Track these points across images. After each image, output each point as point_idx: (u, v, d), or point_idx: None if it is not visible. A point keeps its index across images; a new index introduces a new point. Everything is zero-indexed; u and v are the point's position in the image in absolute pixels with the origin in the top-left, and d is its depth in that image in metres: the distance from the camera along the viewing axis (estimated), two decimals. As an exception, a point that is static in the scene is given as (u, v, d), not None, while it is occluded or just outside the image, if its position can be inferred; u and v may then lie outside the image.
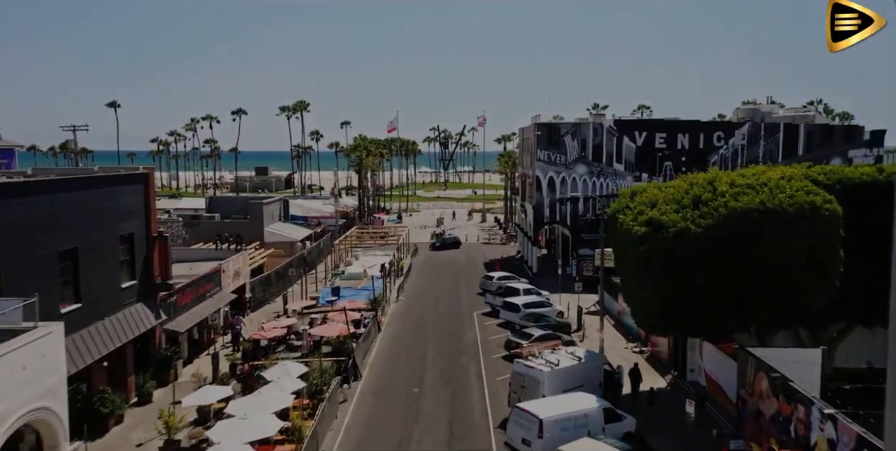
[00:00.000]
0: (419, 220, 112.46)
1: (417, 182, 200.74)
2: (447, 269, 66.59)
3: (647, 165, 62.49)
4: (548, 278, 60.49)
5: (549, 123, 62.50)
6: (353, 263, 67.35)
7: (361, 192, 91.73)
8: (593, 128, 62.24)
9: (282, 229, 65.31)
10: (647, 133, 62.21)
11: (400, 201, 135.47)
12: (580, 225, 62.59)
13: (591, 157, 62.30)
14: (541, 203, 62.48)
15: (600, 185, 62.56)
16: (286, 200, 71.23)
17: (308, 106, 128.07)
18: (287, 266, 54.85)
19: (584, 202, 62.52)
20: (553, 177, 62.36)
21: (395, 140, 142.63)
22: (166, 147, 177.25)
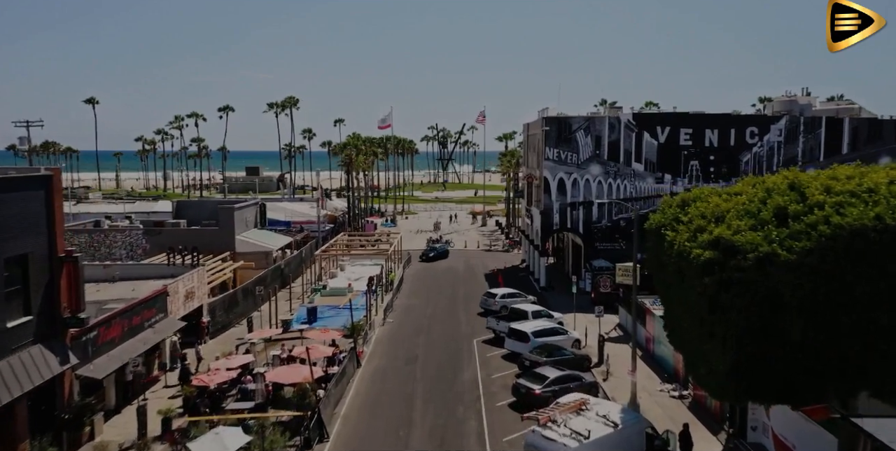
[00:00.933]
0: (415, 223, 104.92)
1: (415, 183, 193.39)
2: (444, 282, 59.03)
3: (670, 164, 54.95)
4: (558, 294, 53.05)
5: (559, 118, 55.00)
6: (337, 275, 59.93)
7: (351, 194, 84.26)
8: (609, 123, 54.72)
9: (256, 238, 57.76)
10: (670, 128, 54.68)
11: (396, 203, 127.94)
12: (594, 233, 55.05)
13: (607, 155, 54.76)
14: (549, 208, 54.96)
15: (617, 187, 55.03)
16: (263, 204, 63.67)
17: (298, 102, 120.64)
18: (256, 282, 47.19)
19: (599, 207, 54.99)
20: (563, 178, 54.83)
21: (390, 138, 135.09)
22: (153, 146, 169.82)
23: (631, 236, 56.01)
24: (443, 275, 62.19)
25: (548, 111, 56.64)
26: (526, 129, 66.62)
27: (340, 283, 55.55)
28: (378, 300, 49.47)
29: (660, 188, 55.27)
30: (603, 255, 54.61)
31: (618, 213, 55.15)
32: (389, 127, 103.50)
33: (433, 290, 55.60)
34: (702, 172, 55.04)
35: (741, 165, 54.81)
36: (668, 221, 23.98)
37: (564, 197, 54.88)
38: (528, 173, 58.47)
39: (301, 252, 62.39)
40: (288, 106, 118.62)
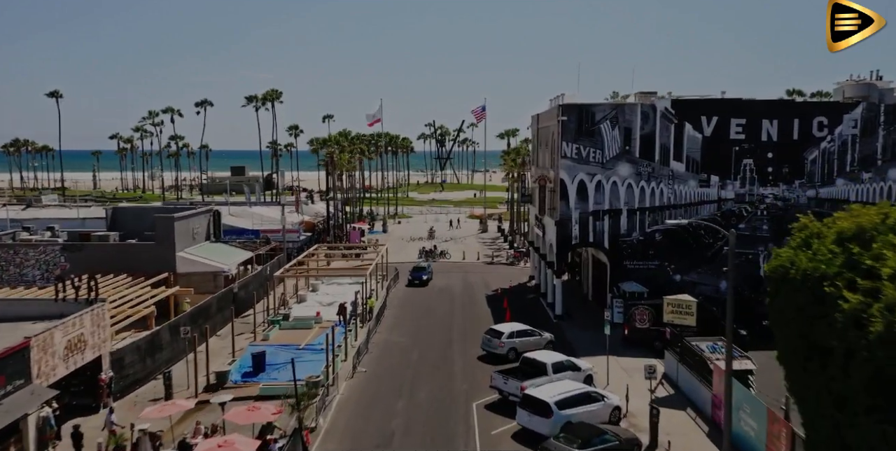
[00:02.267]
0: (408, 229, 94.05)
1: (411, 183, 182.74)
2: (436, 308, 48.15)
3: (718, 163, 44.15)
4: (578, 326, 42.40)
5: (580, 105, 44.13)
6: (307, 298, 49.09)
7: (333, 197, 73.43)
8: (642, 112, 43.86)
9: (205, 254, 46.91)
10: (718, 119, 43.83)
11: (388, 206, 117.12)
12: (624, 249, 44.23)
13: (639, 152, 43.95)
14: (567, 217, 44.13)
15: (652, 192, 44.21)
16: (216, 211, 52.76)
17: (280, 95, 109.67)
18: (178, 323, 35.77)
19: (629, 217, 44.18)
20: (584, 180, 43.99)
21: (382, 136, 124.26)
22: (130, 144, 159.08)
23: (670, 252, 44.78)
24: (436, 298, 51.30)
25: (563, 98, 45.79)
26: (535, 121, 55.81)
27: (308, 310, 44.78)
28: (350, 337, 38.65)
29: (705, 193, 44.47)
30: (634, 276, 43.87)
31: (652, 224, 44.32)
32: (379, 122, 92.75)
33: (422, 321, 44.71)
34: (757, 174, 44.21)
35: (806, 165, 44.00)
36: (834, 269, 13.08)
37: (585, 204, 44.06)
38: (540, 175, 47.70)
39: (265, 269, 51.54)
40: (269, 100, 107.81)
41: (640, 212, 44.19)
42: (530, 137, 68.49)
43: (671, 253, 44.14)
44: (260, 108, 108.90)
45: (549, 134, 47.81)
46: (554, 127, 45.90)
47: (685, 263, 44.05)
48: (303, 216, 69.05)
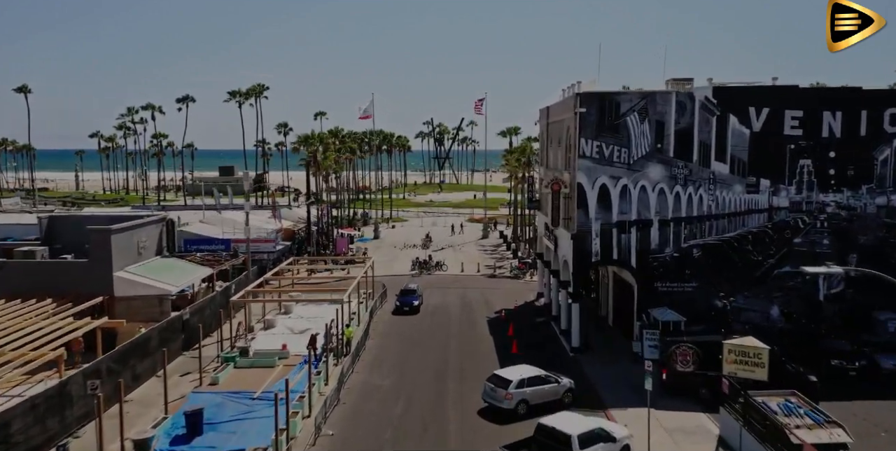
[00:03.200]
0: (403, 235, 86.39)
1: (409, 183, 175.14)
2: (428, 337, 40.45)
3: (769, 164, 36.51)
4: (600, 360, 34.99)
5: (601, 94, 36.45)
6: (276, 323, 41.53)
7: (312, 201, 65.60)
8: (677, 101, 36.17)
9: (151, 273, 39.24)
10: (769, 110, 36.14)
11: (383, 208, 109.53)
12: (655, 268, 36.59)
13: (674, 151, 36.31)
14: (586, 230, 36.46)
15: (689, 198, 36.56)
16: (170, 220, 45.02)
17: (265, 90, 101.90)
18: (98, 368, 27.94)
19: (661, 229, 36.53)
20: (607, 185, 36.34)
21: (377, 134, 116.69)
22: (112, 143, 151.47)
23: (710, 271, 36.51)
24: (429, 322, 43.63)
25: (580, 86, 38.10)
26: (544, 115, 48.10)
27: (272, 341, 37.19)
28: (319, 381, 31.05)
29: (753, 201, 36.81)
30: (667, 300, 36.28)
31: (689, 237, 36.67)
32: (370, 118, 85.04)
33: (411, 354, 37.05)
34: (816, 177, 36.54)
35: (876, 166, 36.34)
36: None
37: (608, 213, 36.40)
38: (553, 178, 39.94)
39: (230, 289, 43.88)
40: (254, 95, 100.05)
41: (674, 223, 36.53)
42: (537, 133, 61.06)
43: (712, 273, 36.51)
44: (244, 103, 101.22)
45: (563, 129, 40.15)
46: (569, 121, 38.26)
47: (729, 284, 36.43)
48: (281, 223, 61.45)
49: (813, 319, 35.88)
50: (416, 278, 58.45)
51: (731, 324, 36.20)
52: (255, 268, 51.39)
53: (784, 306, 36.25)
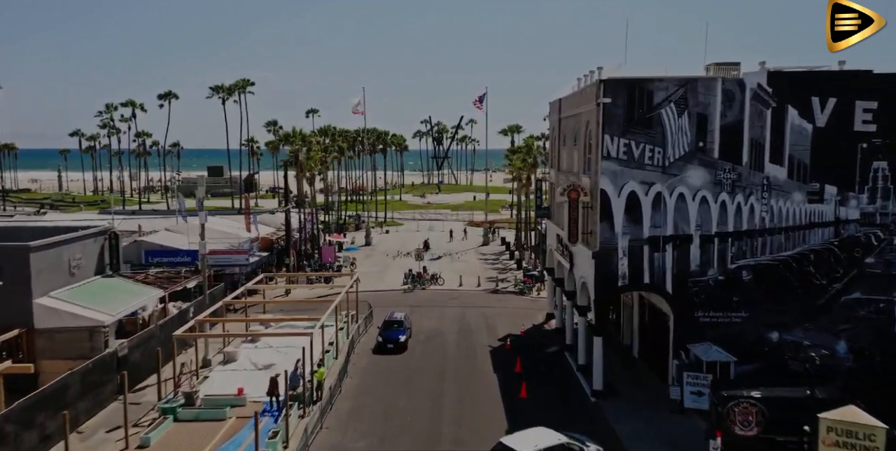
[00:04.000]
0: (398, 241, 79.65)
1: (406, 184, 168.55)
2: (419, 377, 33.59)
3: (836, 167, 29.78)
4: (628, 406, 28.34)
5: (630, 80, 29.73)
6: (237, 356, 34.89)
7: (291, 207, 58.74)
8: (724, 90, 29.42)
9: (82, 299, 32.45)
10: (836, 101, 29.40)
11: (377, 210, 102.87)
12: (695, 294, 29.88)
13: (719, 151, 29.61)
14: (611, 247, 29.71)
15: (737, 209, 29.86)
16: (113, 233, 38.14)
17: (251, 85, 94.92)
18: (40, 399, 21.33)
19: (704, 246, 29.82)
20: (637, 192, 29.64)
21: (370, 131, 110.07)
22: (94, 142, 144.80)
23: (763, 298, 29.13)
24: (420, 355, 36.82)
25: (602, 72, 31.31)
26: (556, 109, 41.32)
27: (230, 381, 30.54)
28: (277, 443, 24.36)
29: (816, 212, 30.08)
30: (711, 333, 29.64)
31: (738, 257, 29.96)
32: (362, 113, 78.47)
33: (397, 402, 30.27)
34: (894, 183, 29.83)
35: (965, 169, 29.65)
36: None
37: (638, 227, 29.69)
38: (570, 184, 32.77)
39: (187, 313, 37.20)
40: (236, 90, 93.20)
41: (719, 239, 29.83)
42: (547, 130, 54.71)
43: (765, 300, 29.81)
44: (227, 99, 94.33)
45: (581, 125, 33.39)
46: (588, 114, 31.55)
47: (785, 314, 29.73)
48: (257, 231, 54.68)
49: (889, 356, 29.22)
50: (409, 295, 51.78)
51: (788, 363, 29.64)
52: (221, 285, 44.78)
53: (853, 342, 29.52)
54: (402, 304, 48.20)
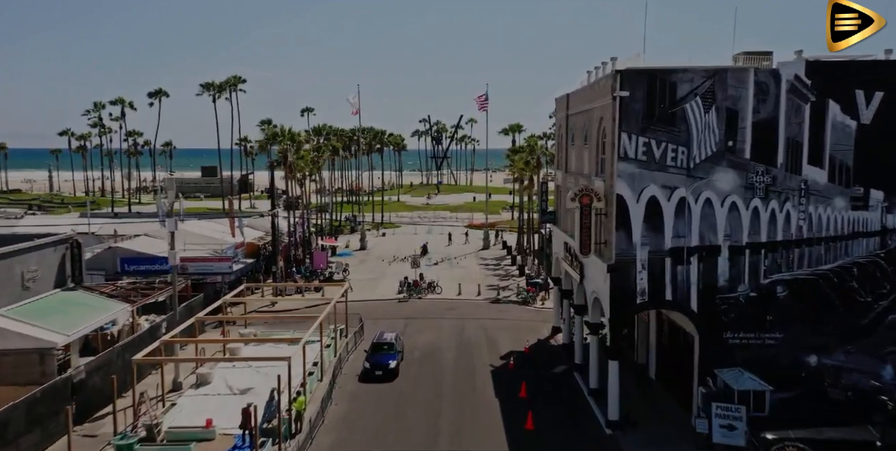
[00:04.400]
0: (394, 244, 76.36)
1: (404, 184, 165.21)
2: (411, 405, 30.17)
3: (883, 169, 26.36)
4: (647, 442, 24.74)
5: (652, 71, 26.35)
6: (211, 379, 31.50)
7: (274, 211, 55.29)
8: (756, 82, 25.98)
9: (33, 316, 29.00)
10: (883, 94, 25.96)
11: (374, 212, 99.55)
12: (723, 312, 26.47)
13: (751, 151, 26.18)
14: (628, 259, 26.29)
15: (771, 216, 26.45)
16: (75, 241, 34.66)
17: (242, 82, 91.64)
18: None
19: (733, 259, 26.40)
20: (658, 197, 26.23)
21: (366, 131, 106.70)
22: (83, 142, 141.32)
23: (799, 317, 25.70)
24: (414, 377, 33.26)
25: (615, 64, 27.87)
26: (562, 105, 37.90)
27: (200, 409, 27.13)
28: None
29: (860, 219, 26.66)
30: (740, 356, 26.28)
31: (772, 270, 26.56)
32: (357, 113, 75.12)
33: (386, 436, 26.85)
34: (949, 187, 26.44)
35: None
36: None
37: (659, 237, 26.29)
38: (581, 188, 29.08)
39: (159, 329, 33.83)
40: (227, 88, 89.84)
41: (751, 250, 26.43)
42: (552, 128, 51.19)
43: (802, 319, 26.42)
44: (219, 97, 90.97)
45: (593, 122, 29.98)
46: (602, 110, 28.14)
47: (825, 335, 26.34)
48: (242, 236, 51.27)
49: (945, 384, 25.87)
50: (404, 305, 48.39)
51: (828, 390, 26.30)
52: (200, 296, 41.41)
53: (902, 366, 26.22)
54: (397, 315, 44.85)
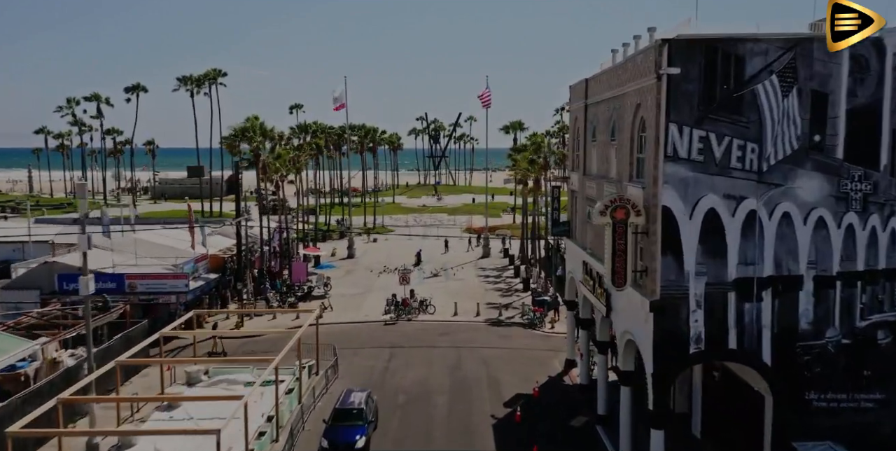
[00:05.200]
0: (385, 253, 69.60)
1: (400, 184, 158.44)
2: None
3: None
4: None
5: (711, 40, 19.65)
6: (136, 441, 24.57)
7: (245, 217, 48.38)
8: (852, 57, 19.18)
9: None
10: None
11: (366, 215, 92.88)
12: (805, 365, 19.70)
13: (845, 149, 19.40)
14: (678, 293, 19.53)
15: (871, 236, 19.67)
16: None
17: (223, 75, 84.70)
18: None
19: (819, 293, 19.63)
20: (718, 210, 19.47)
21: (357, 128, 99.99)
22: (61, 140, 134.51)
23: None
24: (393, 440, 26.56)
25: (653, 36, 21.02)
26: (581, 93, 31.00)
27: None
28: None
29: None
30: (828, 423, 19.52)
31: (871, 310, 19.78)
32: (343, 107, 68.24)
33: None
34: None
35: None
36: None
37: (720, 263, 19.52)
38: (615, 199, 22.07)
39: (77, 372, 27.01)
40: (207, 81, 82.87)
41: (843, 282, 19.68)
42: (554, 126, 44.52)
43: (912, 374, 19.70)
44: (197, 92, 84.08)
45: (625, 111, 23.12)
46: (639, 95, 21.34)
47: (943, 396, 19.61)
48: (204, 247, 44.45)
49: None
50: (391, 329, 41.62)
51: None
52: (144, 324, 34.66)
53: None
54: (381, 343, 38.11)
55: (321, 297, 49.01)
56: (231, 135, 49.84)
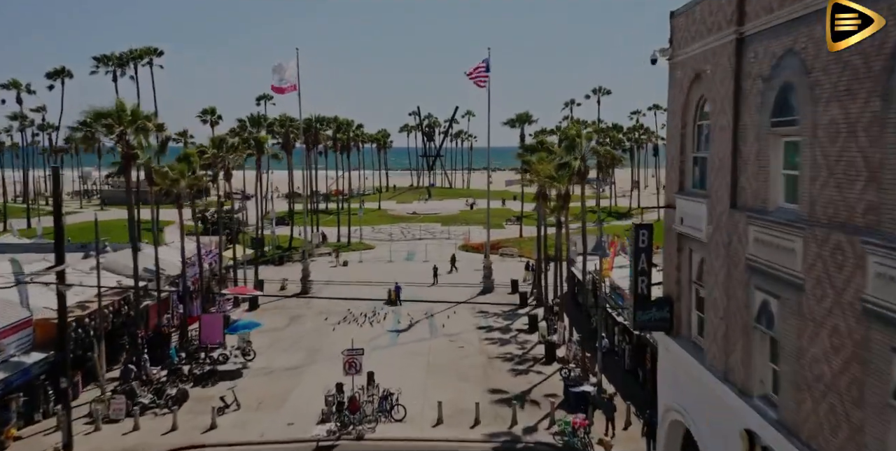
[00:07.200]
0: (356, 280, 51.91)
1: (391, 186, 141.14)
2: None
3: None
4: None
5: None
6: None
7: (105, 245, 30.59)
8: None
9: None
10: None
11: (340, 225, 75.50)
12: None
13: None
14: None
15: None
16: None
17: (158, 54, 66.75)
18: None
19: None
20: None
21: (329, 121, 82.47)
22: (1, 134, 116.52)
23: None
24: None
25: None
26: (732, 9, 13.47)
27: None
28: None
29: None
30: None
31: None
32: (294, 89, 50.31)
33: None
34: None
35: None
36: None
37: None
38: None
39: None
40: (131, 63, 64.41)
41: None
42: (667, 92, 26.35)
43: None
44: (122, 75, 66.16)
45: None
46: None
47: None
48: (28, 307, 26.51)
49: None
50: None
51: None
52: None
53: None
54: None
55: (235, 374, 31.53)
56: (87, 118, 30.54)
